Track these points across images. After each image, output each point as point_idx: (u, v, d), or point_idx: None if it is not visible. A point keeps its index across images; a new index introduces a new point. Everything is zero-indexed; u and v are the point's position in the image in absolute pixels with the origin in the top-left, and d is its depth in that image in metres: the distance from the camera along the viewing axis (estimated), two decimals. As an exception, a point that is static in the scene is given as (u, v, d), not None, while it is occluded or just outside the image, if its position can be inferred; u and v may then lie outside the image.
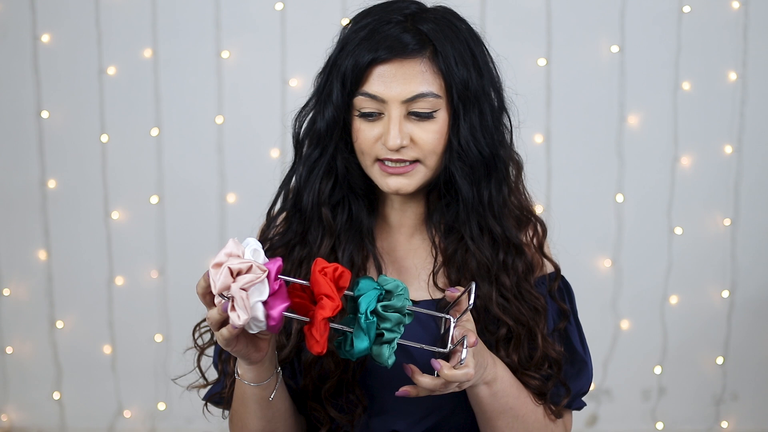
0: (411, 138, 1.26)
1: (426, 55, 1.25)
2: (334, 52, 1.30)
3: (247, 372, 1.21)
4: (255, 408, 1.26)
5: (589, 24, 2.88)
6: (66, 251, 2.95)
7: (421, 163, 1.28)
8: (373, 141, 1.27)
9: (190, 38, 2.88)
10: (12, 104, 2.91)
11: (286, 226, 1.36)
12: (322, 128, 1.29)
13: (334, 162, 1.30)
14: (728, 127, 2.92)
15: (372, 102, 1.25)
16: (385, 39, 1.25)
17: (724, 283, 2.98)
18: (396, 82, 1.24)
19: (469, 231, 1.32)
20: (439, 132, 1.26)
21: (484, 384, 1.25)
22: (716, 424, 3.04)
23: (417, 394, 1.19)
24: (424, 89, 1.24)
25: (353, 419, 1.32)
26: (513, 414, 1.29)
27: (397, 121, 1.24)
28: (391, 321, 1.13)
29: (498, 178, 1.32)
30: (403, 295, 1.14)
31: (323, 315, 1.09)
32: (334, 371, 1.30)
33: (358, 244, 1.33)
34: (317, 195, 1.31)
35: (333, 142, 1.29)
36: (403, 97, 1.24)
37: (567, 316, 1.37)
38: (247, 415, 1.28)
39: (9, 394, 3.03)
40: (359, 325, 1.12)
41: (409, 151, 1.26)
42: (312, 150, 1.31)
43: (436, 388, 1.17)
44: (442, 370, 1.15)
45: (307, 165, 1.31)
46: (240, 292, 1.06)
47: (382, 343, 1.13)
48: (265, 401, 1.25)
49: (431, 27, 1.27)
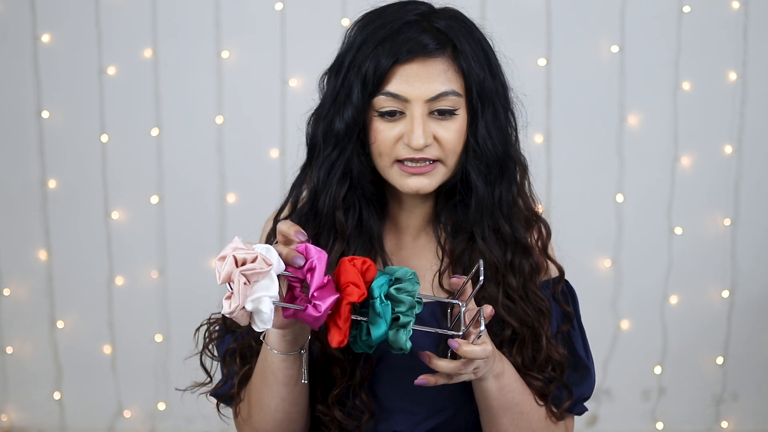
0: (434, 137, 1.26)
1: (447, 53, 1.26)
2: (348, 53, 1.28)
3: (274, 339, 1.21)
4: (274, 384, 1.26)
5: (589, 24, 2.88)
6: (66, 251, 2.95)
7: (442, 163, 1.28)
8: (393, 141, 1.26)
9: (190, 38, 2.88)
10: (12, 104, 2.91)
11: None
12: (341, 129, 1.27)
13: (350, 164, 1.29)
14: (728, 127, 2.92)
15: (393, 101, 1.25)
16: (407, 40, 1.24)
17: (724, 283, 2.98)
18: (419, 81, 1.24)
19: (481, 231, 1.32)
20: (459, 131, 1.27)
21: (493, 377, 1.25)
22: (716, 424, 3.04)
23: (436, 381, 1.19)
24: (447, 88, 1.24)
25: (361, 425, 1.32)
26: (518, 410, 1.29)
27: (421, 120, 1.24)
28: (404, 303, 1.13)
29: (509, 178, 1.32)
30: (413, 279, 1.14)
31: (350, 299, 1.09)
32: (341, 378, 1.30)
33: (368, 249, 1.33)
34: (333, 198, 1.30)
35: (351, 143, 1.28)
36: (426, 96, 1.24)
37: (570, 319, 1.37)
38: (266, 392, 1.27)
39: (9, 394, 3.03)
40: (374, 310, 1.12)
41: (431, 150, 1.26)
42: (330, 151, 1.29)
43: (455, 372, 1.17)
44: (461, 347, 1.15)
45: (325, 166, 1.30)
46: (240, 277, 1.05)
47: (398, 328, 1.12)
48: (287, 378, 1.24)
49: (447, 25, 1.27)
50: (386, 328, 1.12)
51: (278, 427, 1.31)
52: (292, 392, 1.27)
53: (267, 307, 1.06)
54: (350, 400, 1.31)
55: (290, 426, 1.32)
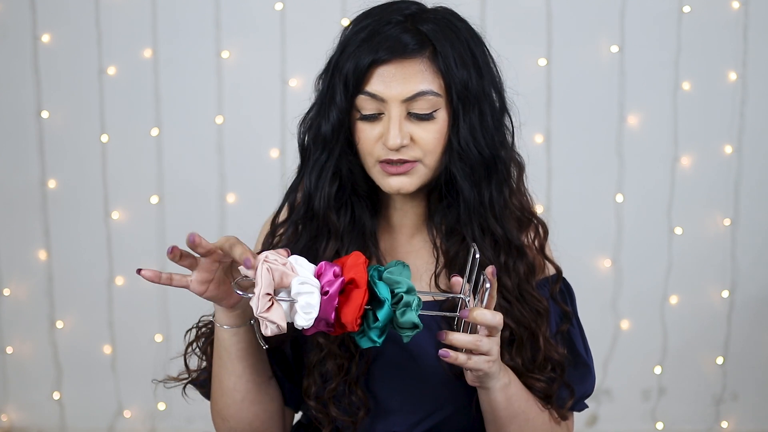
0: (411, 137, 1.25)
1: (426, 54, 1.25)
2: (335, 55, 1.30)
3: (222, 316, 1.24)
4: (228, 360, 1.27)
5: (589, 24, 2.88)
6: (66, 251, 2.95)
7: (421, 163, 1.27)
8: (374, 141, 1.27)
9: (190, 38, 2.88)
10: (12, 104, 2.91)
11: (297, 232, 1.35)
12: (327, 132, 1.28)
13: (339, 165, 1.30)
14: (728, 127, 2.92)
15: (372, 102, 1.25)
16: (386, 40, 1.24)
17: (724, 283, 2.98)
18: (396, 82, 1.24)
19: (471, 232, 1.31)
20: (439, 132, 1.26)
21: (500, 389, 1.24)
22: (716, 424, 3.04)
23: (456, 358, 1.16)
24: (424, 87, 1.24)
25: (356, 421, 1.32)
26: (524, 417, 1.29)
27: (397, 121, 1.24)
28: (401, 283, 1.12)
29: (499, 180, 1.31)
30: (401, 263, 1.15)
31: (350, 275, 1.11)
32: (337, 373, 1.30)
33: (361, 247, 1.33)
34: (326, 199, 1.30)
35: (339, 145, 1.29)
36: (402, 96, 1.24)
37: (569, 318, 1.37)
38: (223, 372, 1.29)
39: (9, 394, 3.03)
40: (375, 290, 1.12)
41: (409, 151, 1.26)
42: (319, 154, 1.30)
43: (473, 345, 1.15)
44: (471, 312, 1.14)
45: (316, 170, 1.31)
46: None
47: (403, 309, 1.12)
48: (240, 352, 1.26)
49: (431, 27, 1.26)
50: (389, 305, 1.11)
51: (239, 409, 1.31)
52: (248, 368, 1.28)
53: (306, 322, 1.09)
54: (346, 396, 1.31)
55: (252, 408, 1.32)
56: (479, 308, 1.14)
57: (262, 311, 1.07)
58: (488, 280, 1.15)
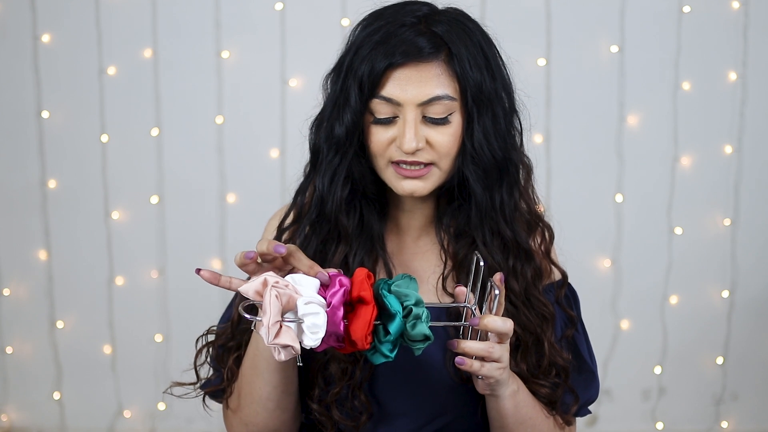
0: (426, 141, 1.25)
1: (441, 57, 1.24)
2: (347, 56, 1.28)
3: None
4: (266, 371, 1.27)
5: (589, 24, 2.88)
6: (66, 251, 2.95)
7: (435, 166, 1.27)
8: (386, 143, 1.26)
9: (190, 38, 2.88)
10: (12, 104, 2.91)
11: (307, 236, 1.34)
12: (341, 134, 1.27)
13: (351, 168, 1.29)
14: (728, 127, 2.92)
15: (387, 106, 1.24)
16: (401, 43, 1.23)
17: (724, 283, 2.98)
18: (412, 85, 1.23)
19: (482, 236, 1.31)
20: (454, 135, 1.25)
21: (509, 396, 1.24)
22: (716, 424, 3.04)
23: (471, 365, 1.17)
24: (440, 92, 1.23)
25: (358, 426, 1.32)
26: (531, 423, 1.29)
27: (413, 124, 1.23)
28: (410, 297, 1.12)
29: (509, 182, 1.31)
30: (407, 276, 1.14)
31: (357, 292, 1.10)
32: (341, 378, 1.30)
33: (369, 250, 1.32)
34: (338, 203, 1.30)
35: (352, 147, 1.28)
36: (418, 99, 1.23)
37: (574, 323, 1.37)
38: (258, 381, 1.28)
39: (9, 394, 3.03)
40: (384, 303, 1.11)
41: (424, 154, 1.25)
42: (332, 157, 1.29)
43: (486, 352, 1.15)
44: (482, 319, 1.13)
45: (328, 173, 1.29)
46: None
47: (414, 321, 1.11)
48: (280, 364, 1.25)
49: (445, 29, 1.25)
50: (401, 318, 1.11)
51: (269, 417, 1.31)
52: (284, 378, 1.28)
53: (314, 342, 1.08)
54: (349, 400, 1.31)
55: (282, 416, 1.32)
56: (489, 315, 1.14)
57: (272, 339, 1.07)
58: (497, 287, 1.15)
